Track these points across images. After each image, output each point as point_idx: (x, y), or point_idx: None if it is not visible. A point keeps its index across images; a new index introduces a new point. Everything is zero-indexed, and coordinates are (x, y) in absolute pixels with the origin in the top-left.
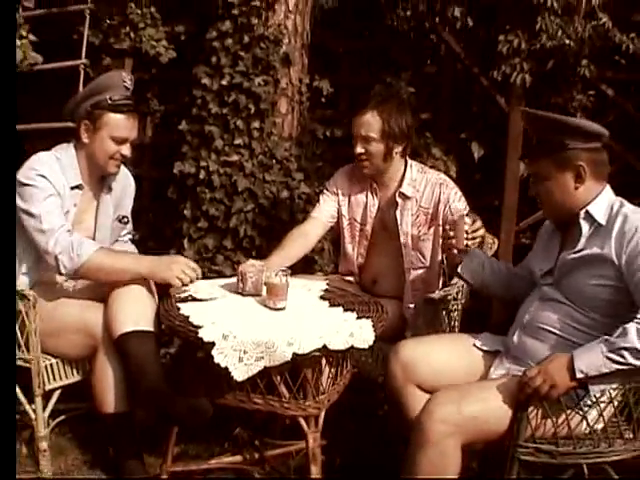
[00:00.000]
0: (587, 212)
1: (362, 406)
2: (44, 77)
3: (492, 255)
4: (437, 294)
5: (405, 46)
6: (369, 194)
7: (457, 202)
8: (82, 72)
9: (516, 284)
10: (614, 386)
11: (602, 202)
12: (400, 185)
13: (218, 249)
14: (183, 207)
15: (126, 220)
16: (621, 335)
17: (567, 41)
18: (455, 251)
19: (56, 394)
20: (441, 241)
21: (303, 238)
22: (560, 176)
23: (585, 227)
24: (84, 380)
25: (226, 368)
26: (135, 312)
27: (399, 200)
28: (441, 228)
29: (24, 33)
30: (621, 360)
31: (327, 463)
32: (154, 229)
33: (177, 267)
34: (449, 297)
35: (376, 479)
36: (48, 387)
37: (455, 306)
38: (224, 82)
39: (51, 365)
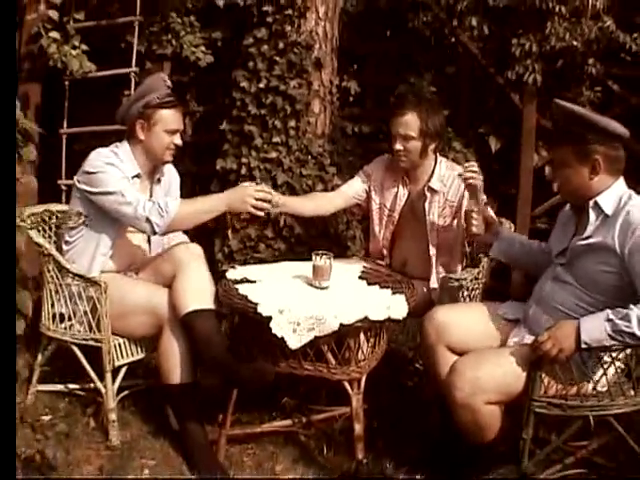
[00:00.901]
0: (596, 202)
1: (395, 378)
2: (90, 83)
3: None
4: (458, 275)
5: (426, 49)
6: (400, 185)
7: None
8: (133, 79)
9: (543, 260)
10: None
11: (612, 194)
12: (430, 179)
13: (260, 238)
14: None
15: None
16: (624, 319)
17: (575, 42)
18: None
19: (122, 371)
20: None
21: (323, 200)
22: (577, 165)
23: (592, 216)
24: (142, 360)
25: (282, 338)
26: (198, 293)
27: (428, 194)
28: (463, 219)
29: (76, 43)
30: (620, 339)
31: (366, 427)
32: None
33: (249, 199)
34: (470, 278)
35: (409, 439)
36: (117, 364)
37: (476, 285)
38: (261, 85)
39: (119, 344)
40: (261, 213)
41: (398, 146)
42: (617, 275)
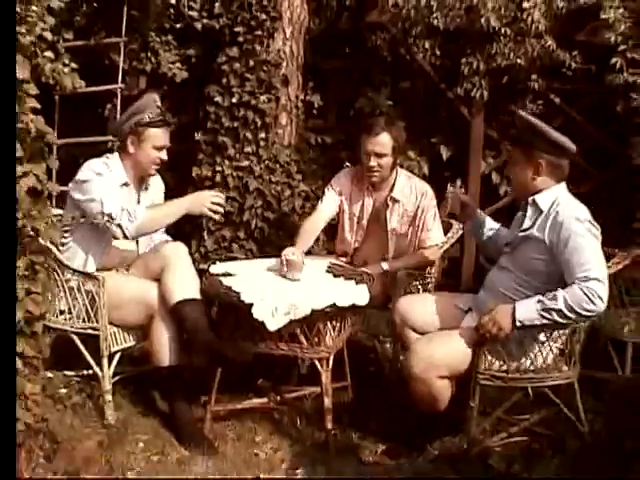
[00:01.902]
0: (534, 200)
1: (359, 364)
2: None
3: (459, 238)
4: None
5: (383, 66)
6: (366, 195)
7: (430, 211)
8: (119, 94)
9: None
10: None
11: (550, 194)
12: (392, 190)
13: (233, 239)
14: None
15: None
16: (552, 299)
17: (519, 60)
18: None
19: (116, 357)
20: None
21: (314, 227)
22: (524, 165)
23: (530, 211)
24: (132, 348)
25: (262, 322)
26: (184, 285)
27: (390, 203)
28: (418, 228)
29: (66, 61)
30: (549, 317)
31: (334, 404)
32: (176, 223)
33: (206, 202)
34: (426, 274)
35: (372, 414)
36: (113, 350)
37: (429, 279)
38: (234, 100)
39: (114, 333)
40: (216, 216)
41: (372, 163)
42: (546, 262)
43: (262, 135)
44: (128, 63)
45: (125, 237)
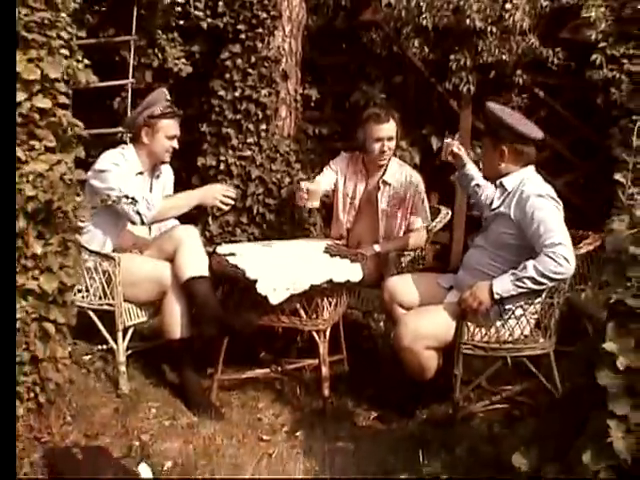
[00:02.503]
0: (501, 182)
1: (354, 340)
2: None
3: (447, 224)
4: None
5: (377, 61)
6: (359, 177)
7: (418, 196)
8: (130, 88)
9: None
10: (524, 303)
11: (515, 177)
12: (384, 174)
13: (236, 224)
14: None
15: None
16: (522, 269)
17: (504, 57)
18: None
19: (129, 332)
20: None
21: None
22: (491, 152)
23: (498, 193)
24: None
25: (265, 296)
26: (195, 263)
27: (381, 186)
28: (407, 211)
29: (80, 58)
30: (523, 285)
31: (331, 375)
32: None
33: (218, 195)
34: (416, 255)
35: (366, 383)
36: (127, 324)
37: (420, 260)
38: (237, 94)
39: (128, 309)
40: (226, 207)
41: (386, 147)
42: (515, 236)
43: (263, 127)
44: (137, 59)
45: (142, 223)
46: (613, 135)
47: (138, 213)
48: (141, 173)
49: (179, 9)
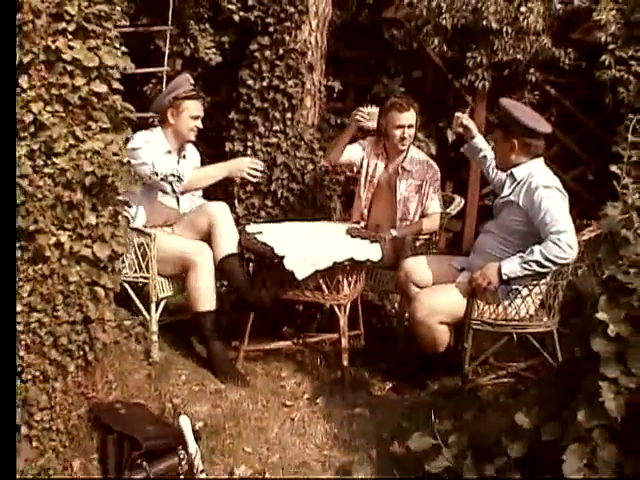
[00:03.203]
0: (511, 172)
1: (370, 317)
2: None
3: (460, 212)
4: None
5: (398, 56)
6: (380, 159)
7: (433, 184)
8: (165, 75)
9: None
10: (529, 283)
11: (525, 168)
12: (403, 161)
13: (261, 207)
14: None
15: None
16: (529, 253)
17: (518, 56)
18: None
19: (161, 305)
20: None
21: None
22: (502, 143)
23: (508, 182)
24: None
25: (292, 272)
26: (231, 239)
27: (400, 171)
28: (423, 197)
29: (117, 45)
30: (529, 268)
31: (350, 349)
32: (209, 192)
33: (246, 168)
34: (432, 239)
35: (382, 356)
36: (160, 297)
37: (432, 245)
38: (264, 83)
39: (161, 282)
40: (254, 180)
41: (407, 134)
42: (523, 223)
43: (289, 115)
44: (170, 48)
45: (173, 192)
46: (619, 132)
47: (170, 183)
48: (169, 152)
49: (212, 1)
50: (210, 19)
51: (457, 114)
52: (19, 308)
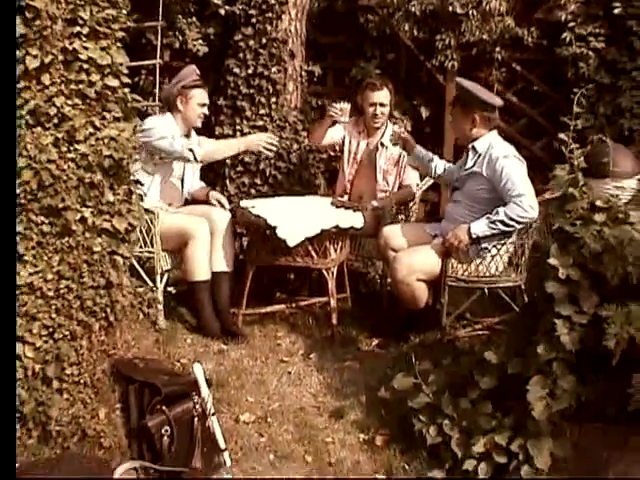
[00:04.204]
0: (473, 146)
1: (356, 281)
2: None
3: (435, 184)
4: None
5: (373, 41)
6: (361, 137)
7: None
8: (157, 67)
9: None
10: (497, 243)
11: (484, 140)
12: (382, 137)
13: (251, 185)
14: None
15: None
16: (495, 214)
17: (484, 36)
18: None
19: (165, 276)
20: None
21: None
22: (462, 119)
23: (470, 155)
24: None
25: (284, 240)
26: (225, 256)
27: (379, 147)
28: (400, 169)
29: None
30: (495, 227)
31: (338, 311)
32: (202, 172)
33: (262, 142)
34: (408, 209)
35: (368, 315)
36: (164, 269)
37: (410, 214)
38: (249, 71)
39: (164, 256)
40: (269, 153)
41: (378, 111)
42: (487, 190)
43: (273, 100)
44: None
45: (195, 160)
46: (580, 103)
47: (191, 150)
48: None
49: None
50: (196, 13)
51: (394, 129)
52: (50, 276)
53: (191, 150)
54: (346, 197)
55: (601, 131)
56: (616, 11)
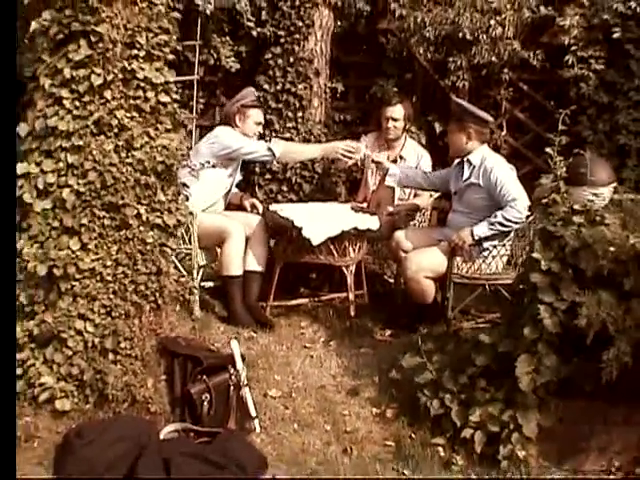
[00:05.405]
0: (468, 159)
1: (372, 279)
2: None
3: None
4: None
5: (392, 61)
6: (382, 150)
7: (426, 168)
8: (196, 82)
9: (436, 182)
10: (497, 244)
11: (478, 153)
12: (401, 150)
13: (278, 192)
14: (254, 166)
15: None
16: (494, 217)
17: (493, 59)
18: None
19: (201, 271)
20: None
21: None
22: (457, 134)
23: (466, 167)
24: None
25: (309, 239)
26: (257, 256)
27: (398, 159)
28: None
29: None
30: (494, 228)
31: (355, 306)
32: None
33: (339, 149)
34: (423, 214)
35: (382, 311)
36: (200, 264)
37: (425, 220)
38: (278, 87)
39: (201, 253)
40: (350, 161)
41: (389, 125)
42: (484, 199)
43: (300, 114)
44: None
45: (274, 158)
46: (582, 121)
47: (270, 149)
48: None
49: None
50: (230, 32)
51: (366, 153)
52: (109, 263)
53: (270, 149)
54: (365, 204)
55: (601, 146)
56: (615, 36)
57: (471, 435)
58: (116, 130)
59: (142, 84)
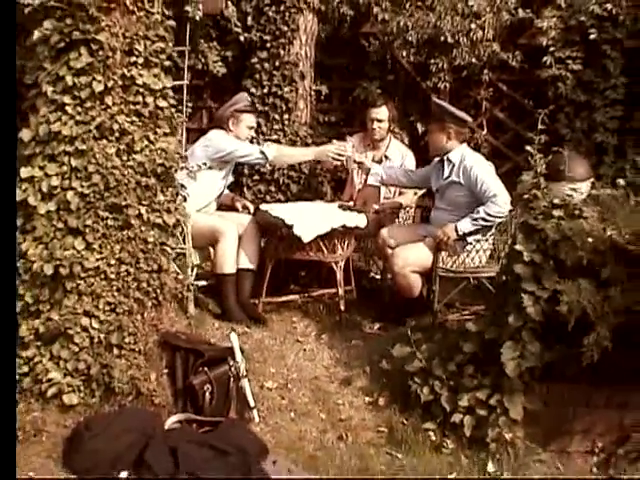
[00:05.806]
0: (448, 158)
1: (360, 275)
2: None
3: (429, 191)
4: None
5: (374, 64)
6: (367, 150)
7: (410, 167)
8: (185, 87)
9: (418, 180)
10: (480, 238)
11: (458, 152)
12: (386, 150)
13: (266, 192)
14: (242, 167)
15: None
16: (476, 212)
17: (473, 60)
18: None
19: (195, 270)
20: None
21: None
22: (437, 134)
23: (447, 165)
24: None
25: (299, 236)
26: (249, 254)
27: (383, 159)
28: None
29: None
30: (477, 223)
31: (345, 301)
32: None
33: (330, 153)
34: (407, 211)
35: (370, 305)
36: (194, 263)
37: (409, 217)
38: (265, 90)
39: (194, 252)
40: (338, 162)
41: (374, 126)
42: (465, 196)
43: (286, 116)
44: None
45: (266, 161)
46: (560, 119)
47: (262, 152)
48: None
49: (217, 23)
50: (217, 38)
51: (347, 154)
52: (112, 262)
53: (262, 152)
54: (352, 202)
55: (579, 143)
56: (592, 37)
57: (460, 420)
58: (117, 134)
59: (141, 90)
